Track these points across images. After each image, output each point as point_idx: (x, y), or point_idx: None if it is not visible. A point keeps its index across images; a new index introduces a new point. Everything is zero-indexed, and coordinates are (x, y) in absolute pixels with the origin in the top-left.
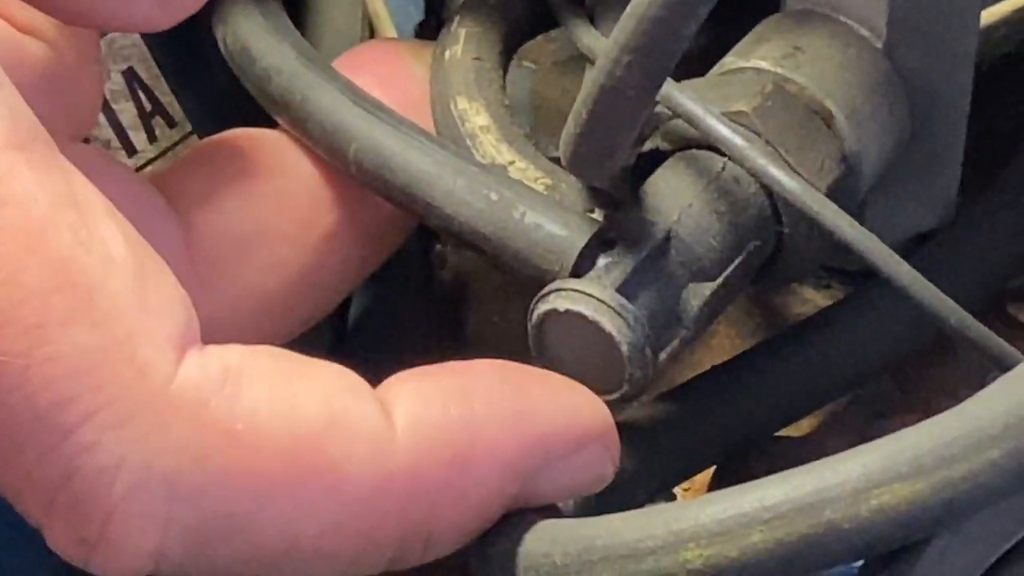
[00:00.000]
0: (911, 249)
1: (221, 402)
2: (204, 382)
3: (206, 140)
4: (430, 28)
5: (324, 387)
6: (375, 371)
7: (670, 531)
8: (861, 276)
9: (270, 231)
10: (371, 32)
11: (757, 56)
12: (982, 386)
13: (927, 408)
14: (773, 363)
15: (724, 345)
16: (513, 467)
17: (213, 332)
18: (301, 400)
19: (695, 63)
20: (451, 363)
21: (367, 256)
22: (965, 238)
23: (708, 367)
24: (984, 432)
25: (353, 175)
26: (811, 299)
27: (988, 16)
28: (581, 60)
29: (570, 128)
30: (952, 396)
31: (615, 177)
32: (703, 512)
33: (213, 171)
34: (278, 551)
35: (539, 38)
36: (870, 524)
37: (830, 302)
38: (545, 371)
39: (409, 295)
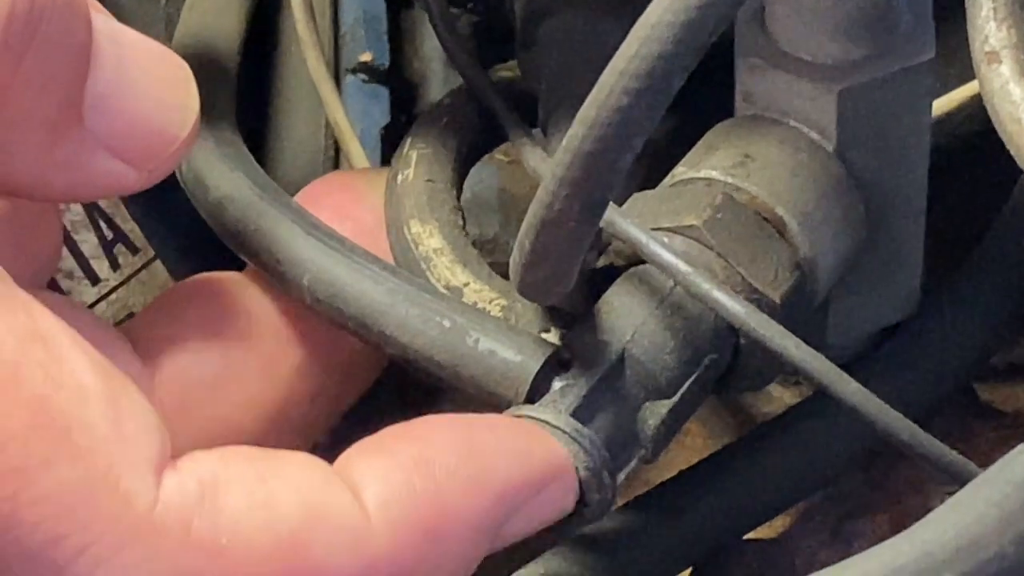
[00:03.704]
0: (878, 342)
1: (203, 519)
2: (184, 501)
3: (170, 288)
4: (396, 131)
5: (298, 483)
6: None
7: None
8: None
9: (239, 369)
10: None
11: (707, 166)
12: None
13: (897, 504)
14: (742, 465)
15: (696, 444)
16: (482, 526)
17: None
18: (278, 500)
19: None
20: (405, 429)
21: (341, 389)
22: (930, 329)
23: (680, 466)
24: (934, 557)
25: (308, 306)
26: (779, 397)
27: (942, 105)
28: None
29: (516, 258)
30: (920, 492)
31: (567, 298)
32: None
33: (178, 316)
34: None
35: None
36: None
37: (798, 399)
38: (493, 417)
39: (383, 393)
